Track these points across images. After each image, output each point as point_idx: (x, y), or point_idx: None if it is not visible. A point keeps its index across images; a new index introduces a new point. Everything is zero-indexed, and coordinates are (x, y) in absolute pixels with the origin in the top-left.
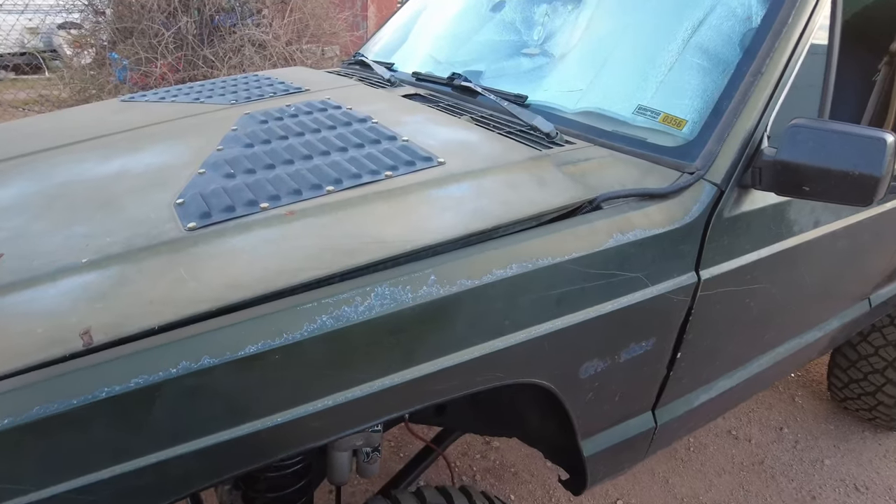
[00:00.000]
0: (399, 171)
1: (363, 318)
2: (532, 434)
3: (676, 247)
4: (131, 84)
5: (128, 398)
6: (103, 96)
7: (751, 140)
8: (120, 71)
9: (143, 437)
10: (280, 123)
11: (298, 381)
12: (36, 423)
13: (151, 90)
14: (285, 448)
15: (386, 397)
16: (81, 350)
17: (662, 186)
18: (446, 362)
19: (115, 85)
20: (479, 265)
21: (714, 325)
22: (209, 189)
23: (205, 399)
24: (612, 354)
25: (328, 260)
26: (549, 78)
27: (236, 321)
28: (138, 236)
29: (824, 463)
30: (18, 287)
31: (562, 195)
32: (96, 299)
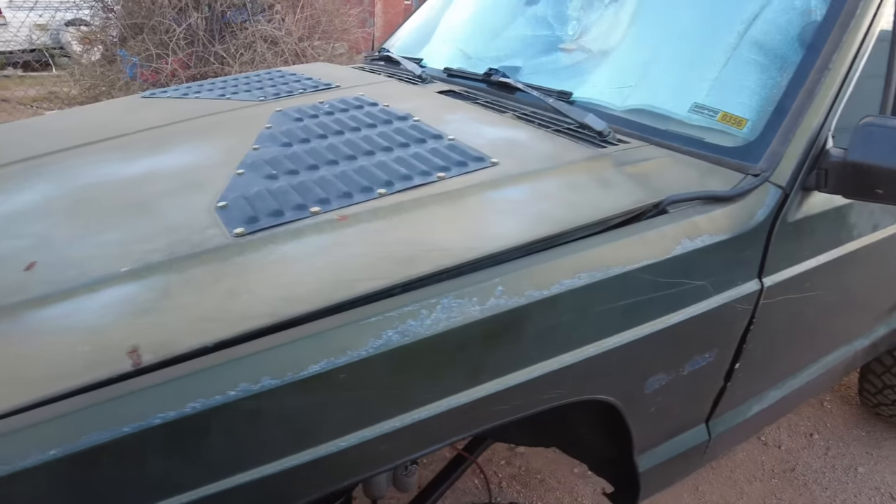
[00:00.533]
0: (451, 172)
1: (429, 333)
2: (579, 447)
3: (741, 253)
4: (141, 81)
5: (183, 425)
6: (114, 93)
7: (816, 140)
8: (130, 68)
9: (199, 467)
10: (316, 121)
11: (363, 402)
12: (84, 454)
13: (172, 86)
14: (350, 475)
15: (451, 419)
16: (130, 371)
17: (726, 189)
18: (512, 380)
19: (125, 82)
20: (547, 275)
21: (773, 333)
22: (252, 191)
23: (264, 424)
24: (677, 367)
25: (388, 269)
26: (593, 74)
27: (296, 338)
28: (180, 243)
29: (857, 471)
30: (54, 299)
31: (627, 198)
32: (141, 314)
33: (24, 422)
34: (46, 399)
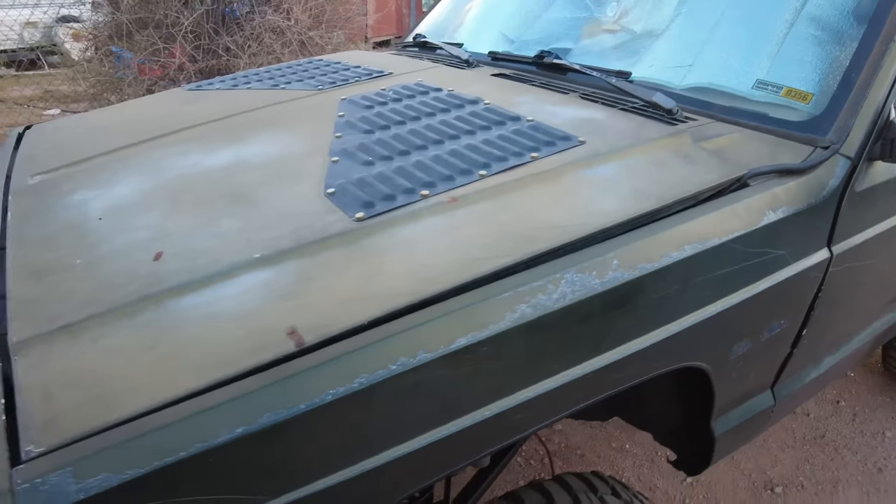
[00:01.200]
0: (542, 152)
1: (557, 307)
2: (648, 417)
3: (814, 222)
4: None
5: (351, 400)
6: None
7: (882, 112)
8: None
9: (364, 441)
10: (387, 108)
11: (502, 373)
12: (266, 432)
13: (216, 78)
14: (489, 444)
15: (575, 388)
16: (295, 352)
17: (797, 162)
18: (628, 350)
19: (133, 77)
20: (656, 247)
21: (836, 301)
22: (355, 178)
23: (420, 396)
24: (757, 334)
25: (509, 247)
26: (646, 54)
27: (442, 314)
28: (304, 229)
29: (885, 435)
30: (195, 287)
31: (713, 172)
32: (286, 298)
33: (210, 402)
34: (219, 382)
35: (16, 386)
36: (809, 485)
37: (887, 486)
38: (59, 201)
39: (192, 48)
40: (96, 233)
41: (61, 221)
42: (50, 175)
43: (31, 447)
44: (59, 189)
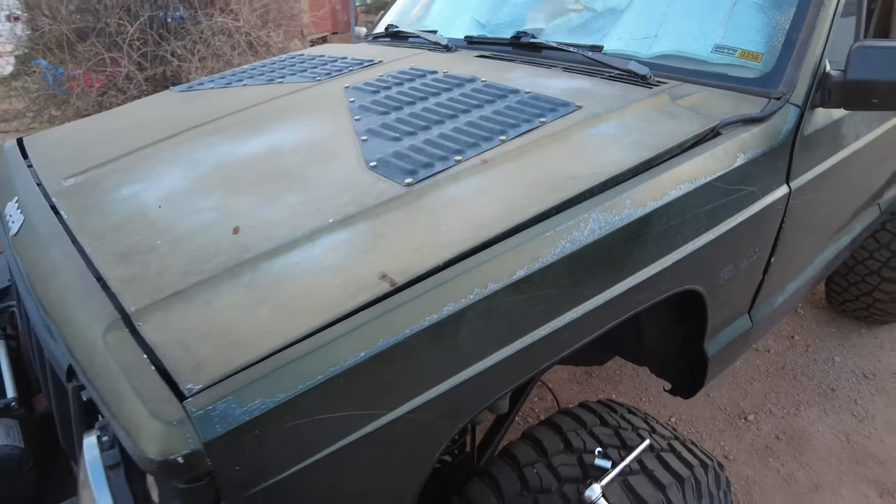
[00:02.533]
0: (548, 117)
1: (589, 240)
2: (644, 350)
3: (775, 162)
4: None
5: (443, 324)
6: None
7: (819, 65)
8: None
9: (456, 356)
10: (391, 92)
11: (552, 298)
12: (382, 354)
13: (206, 77)
14: (543, 361)
15: (607, 309)
16: (390, 290)
17: (758, 111)
18: (645, 274)
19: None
20: (658, 188)
21: (796, 231)
22: (391, 151)
23: (493, 319)
24: (738, 260)
25: (542, 197)
26: (613, 29)
27: (503, 252)
28: (363, 196)
29: (834, 360)
30: (284, 250)
31: (693, 125)
32: (369, 250)
33: (334, 335)
34: (338, 318)
35: (151, 344)
36: (776, 409)
37: (840, 402)
38: (108, 196)
39: (139, 56)
40: (163, 218)
41: (121, 213)
42: (84, 177)
43: (191, 385)
44: (101, 187)
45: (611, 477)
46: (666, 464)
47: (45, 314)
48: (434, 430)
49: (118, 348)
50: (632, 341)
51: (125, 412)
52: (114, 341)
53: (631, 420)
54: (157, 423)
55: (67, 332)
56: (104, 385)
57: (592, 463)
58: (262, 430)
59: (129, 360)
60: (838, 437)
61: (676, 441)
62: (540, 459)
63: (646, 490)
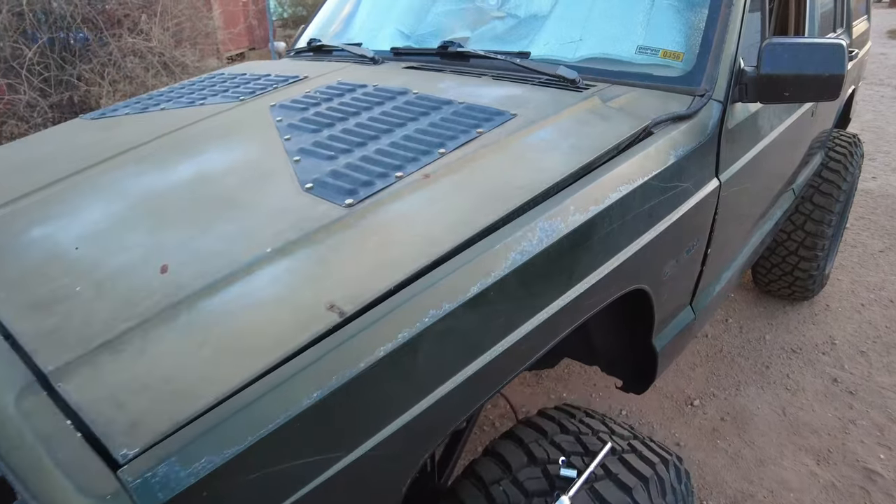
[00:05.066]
0: (485, 127)
1: (538, 250)
2: (594, 351)
3: (704, 157)
4: None
5: (400, 352)
6: None
7: (735, 61)
8: None
9: (416, 383)
10: (321, 109)
11: (507, 312)
12: (338, 392)
13: (118, 104)
14: (508, 373)
15: (560, 317)
16: (340, 321)
17: (685, 109)
18: (593, 278)
19: None
20: (598, 191)
21: (728, 220)
22: (326, 171)
23: (451, 340)
24: (678, 255)
25: (490, 208)
26: (538, 35)
27: (454, 269)
28: (303, 221)
29: (765, 339)
30: (221, 286)
31: (625, 125)
32: (314, 279)
33: (283, 376)
34: (286, 356)
35: (75, 406)
36: (718, 392)
37: (774, 378)
38: (19, 240)
39: (40, 81)
40: (82, 261)
41: (34, 258)
42: None
43: (125, 450)
44: (10, 228)
45: (577, 486)
46: (629, 465)
47: None
48: (400, 462)
49: (35, 415)
50: (580, 342)
51: (47, 490)
52: (29, 407)
53: (590, 424)
54: (86, 501)
55: None
56: (20, 460)
57: (558, 473)
58: (212, 491)
59: (48, 428)
60: (776, 412)
61: (636, 440)
62: (505, 476)
63: (613, 495)
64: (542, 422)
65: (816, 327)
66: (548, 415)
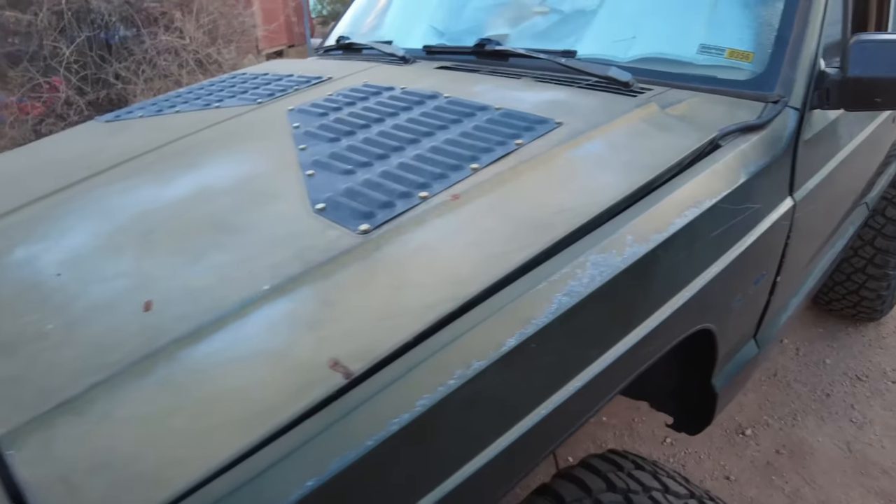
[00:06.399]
0: (525, 137)
1: (588, 291)
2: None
3: (777, 174)
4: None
5: (417, 425)
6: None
7: (815, 63)
8: None
9: (436, 464)
10: (344, 113)
11: (551, 367)
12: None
13: (134, 105)
14: (553, 440)
15: (616, 369)
16: (344, 384)
17: (756, 118)
18: (653, 322)
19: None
20: (661, 217)
21: (800, 244)
22: (342, 188)
23: (482, 406)
24: (747, 287)
25: (529, 237)
26: (585, 32)
27: (486, 316)
28: (307, 250)
29: (826, 363)
30: (205, 332)
31: (689, 138)
32: (315, 327)
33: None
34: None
35: (21, 484)
36: (773, 421)
37: (837, 408)
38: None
39: (78, 79)
40: (60, 292)
41: (9, 286)
42: None
43: None
44: None
45: None
46: None
47: None
48: None
49: None
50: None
51: None
52: None
53: (640, 479)
54: None
55: None
56: None
57: None
58: None
59: None
60: (839, 447)
61: (693, 500)
62: None
63: None
64: (585, 476)
65: (885, 352)
66: (592, 466)
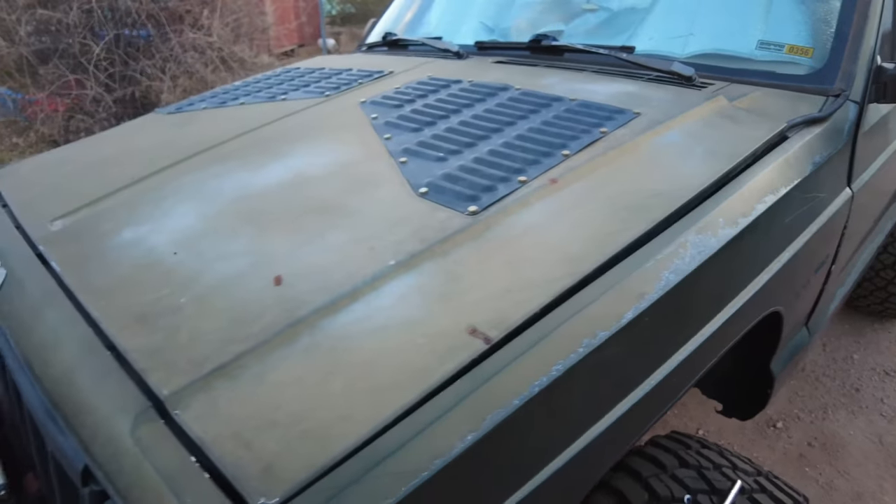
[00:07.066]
0: (608, 126)
1: (691, 268)
2: None
3: (839, 165)
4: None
5: (553, 388)
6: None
7: (873, 57)
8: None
9: (570, 424)
10: (417, 106)
11: (661, 339)
12: (491, 434)
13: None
14: (657, 412)
15: (710, 344)
16: (486, 350)
17: (818, 110)
18: (740, 301)
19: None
20: (745, 202)
21: (854, 234)
22: (439, 174)
23: (604, 374)
24: (810, 273)
25: (630, 219)
26: (640, 28)
27: (604, 291)
28: (422, 230)
29: (854, 358)
30: (343, 303)
31: (760, 129)
32: (447, 298)
33: (431, 415)
34: (432, 390)
35: (198, 440)
36: (804, 414)
37: (867, 402)
38: (108, 242)
39: (106, 77)
40: (182, 268)
41: (128, 263)
42: (74, 217)
43: (264, 499)
44: (98, 230)
45: None
46: None
47: (46, 398)
48: None
49: (154, 448)
50: None
51: None
52: (147, 438)
53: (709, 456)
54: None
55: (81, 424)
56: (139, 499)
57: None
58: None
59: (171, 464)
60: (871, 440)
61: (762, 477)
62: None
63: None
64: (657, 452)
65: None
66: (662, 444)
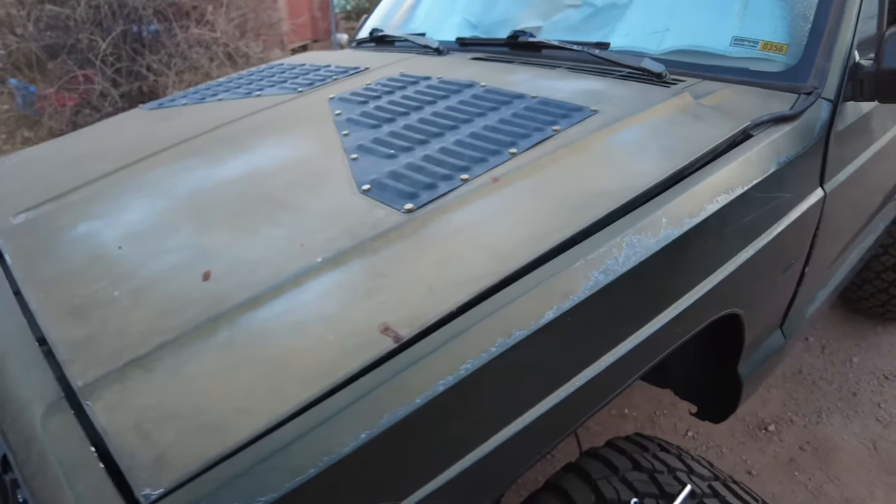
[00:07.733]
0: (562, 124)
1: (624, 269)
2: (670, 372)
3: (809, 165)
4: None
5: (461, 387)
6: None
7: (849, 55)
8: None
9: (479, 424)
10: (383, 101)
11: (586, 341)
12: (388, 433)
13: (175, 94)
14: (583, 413)
15: (645, 347)
16: (395, 347)
17: (788, 108)
18: (684, 303)
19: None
20: (695, 202)
21: (828, 236)
22: (386, 171)
23: (520, 375)
24: (775, 275)
25: (567, 218)
26: (617, 24)
27: (527, 290)
28: (356, 227)
29: (853, 361)
30: (264, 299)
31: (722, 127)
32: (366, 296)
33: (327, 412)
34: (333, 388)
35: (100, 430)
36: (797, 418)
37: (863, 407)
38: (62, 236)
39: (113, 72)
40: (123, 262)
41: (76, 257)
42: (36, 211)
43: (149, 490)
44: (55, 224)
45: None
46: None
47: None
48: None
49: (59, 437)
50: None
51: None
52: (55, 427)
53: (665, 459)
54: None
55: (4, 413)
56: (40, 488)
57: None
58: None
59: (71, 454)
60: (865, 445)
61: (717, 482)
62: None
63: None
64: (611, 455)
65: None
66: (618, 447)
